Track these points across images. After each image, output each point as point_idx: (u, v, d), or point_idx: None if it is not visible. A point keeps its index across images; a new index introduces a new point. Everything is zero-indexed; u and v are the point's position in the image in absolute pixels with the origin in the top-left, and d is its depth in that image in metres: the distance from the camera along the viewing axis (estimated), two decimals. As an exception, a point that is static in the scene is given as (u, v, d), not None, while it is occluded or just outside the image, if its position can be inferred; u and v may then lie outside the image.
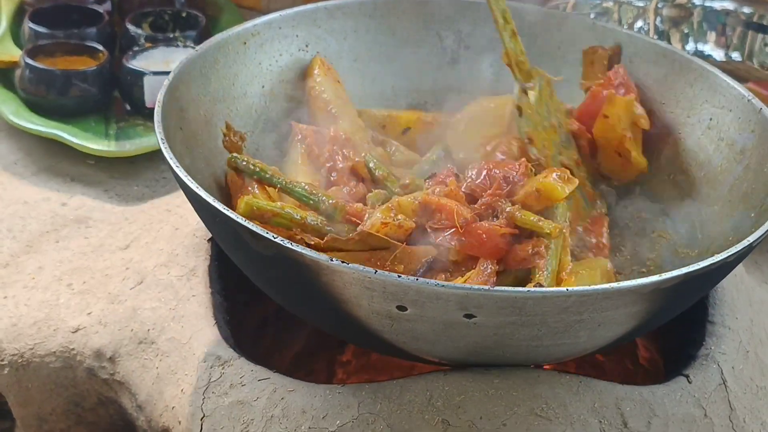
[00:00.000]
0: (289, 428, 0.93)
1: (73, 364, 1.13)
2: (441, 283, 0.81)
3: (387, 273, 0.82)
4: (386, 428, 0.91)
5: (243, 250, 0.91)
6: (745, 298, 1.13)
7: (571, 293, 0.82)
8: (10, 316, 1.16)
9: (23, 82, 1.49)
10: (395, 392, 0.93)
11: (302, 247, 0.84)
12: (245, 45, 1.18)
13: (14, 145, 1.49)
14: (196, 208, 0.97)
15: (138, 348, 1.09)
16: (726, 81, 1.14)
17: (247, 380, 0.98)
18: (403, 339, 0.89)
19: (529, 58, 1.20)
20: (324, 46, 1.25)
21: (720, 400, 0.99)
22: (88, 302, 1.17)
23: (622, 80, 1.17)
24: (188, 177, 0.92)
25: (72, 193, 1.38)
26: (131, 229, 1.30)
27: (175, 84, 1.07)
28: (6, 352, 1.13)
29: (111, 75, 1.52)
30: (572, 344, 0.90)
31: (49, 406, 1.14)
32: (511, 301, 0.82)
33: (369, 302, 0.85)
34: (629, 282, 0.84)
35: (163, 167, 1.45)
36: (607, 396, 0.94)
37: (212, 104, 1.13)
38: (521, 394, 0.92)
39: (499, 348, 0.89)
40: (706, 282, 0.96)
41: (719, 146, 1.13)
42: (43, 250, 1.27)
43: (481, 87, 1.29)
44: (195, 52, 1.12)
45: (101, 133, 1.47)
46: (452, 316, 0.83)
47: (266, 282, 0.98)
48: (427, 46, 1.30)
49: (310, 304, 0.93)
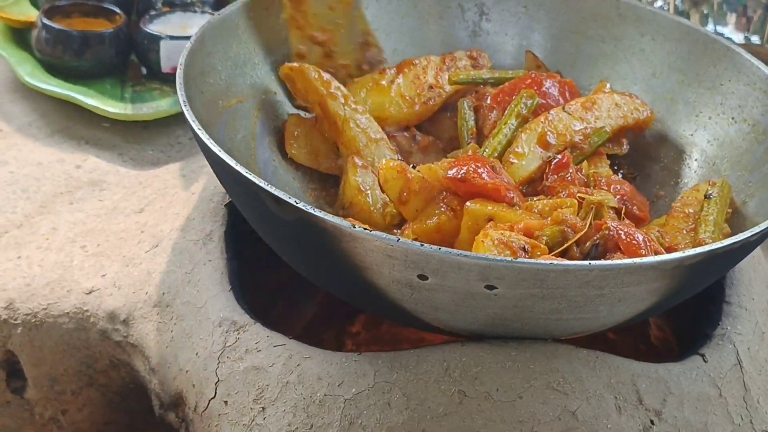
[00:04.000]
0: (305, 395, 0.93)
1: (86, 326, 1.12)
2: (464, 253, 0.81)
3: (409, 241, 0.81)
4: (402, 397, 0.90)
5: (264, 215, 0.91)
6: (763, 279, 1.13)
7: (594, 267, 0.82)
8: (24, 276, 1.16)
9: (39, 42, 1.48)
10: (412, 362, 0.92)
11: (324, 213, 0.84)
12: (267, 11, 1.18)
13: (29, 107, 1.48)
14: (216, 171, 0.97)
15: (152, 311, 1.09)
16: (750, 61, 1.14)
17: (263, 346, 0.97)
18: (423, 308, 0.89)
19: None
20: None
21: (735, 380, 0.99)
22: (103, 264, 1.17)
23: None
24: (210, 140, 0.92)
25: (86, 156, 1.38)
26: (146, 193, 1.29)
27: (196, 47, 1.06)
28: (19, 312, 1.13)
29: (128, 38, 1.51)
30: (591, 319, 0.89)
31: (61, 366, 1.14)
32: (533, 273, 0.81)
33: (390, 270, 0.84)
34: (652, 258, 0.84)
35: (178, 132, 1.44)
36: (624, 372, 0.94)
37: (233, 69, 1.13)
38: (538, 367, 0.92)
39: (518, 320, 0.89)
40: (728, 261, 0.95)
41: (742, 127, 1.12)
42: (57, 212, 1.26)
43: (501, 60, 1.28)
44: (217, 17, 1.12)
45: (117, 97, 1.46)
46: (473, 286, 0.83)
47: (286, 248, 0.98)
48: (448, 18, 1.30)
49: (330, 271, 0.93)
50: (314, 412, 0.92)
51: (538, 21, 1.28)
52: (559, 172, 1.07)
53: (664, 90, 1.21)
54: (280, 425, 0.92)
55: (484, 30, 1.29)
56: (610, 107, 1.15)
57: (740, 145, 1.12)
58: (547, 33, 1.28)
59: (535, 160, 1.09)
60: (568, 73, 1.26)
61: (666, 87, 1.20)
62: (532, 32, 1.29)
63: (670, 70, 1.21)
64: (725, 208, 1.05)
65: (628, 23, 1.24)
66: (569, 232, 0.95)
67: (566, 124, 1.12)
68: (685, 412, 0.94)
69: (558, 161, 1.08)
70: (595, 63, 1.25)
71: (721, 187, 1.06)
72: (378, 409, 0.90)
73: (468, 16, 1.30)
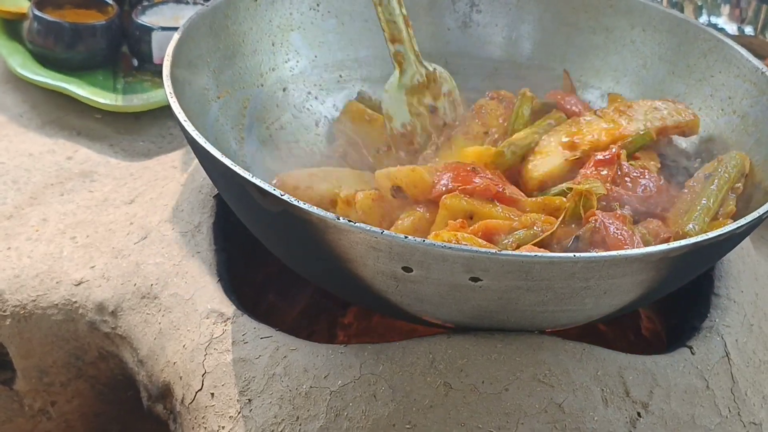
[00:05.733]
0: (291, 387, 0.93)
1: (74, 317, 1.12)
2: (447, 245, 0.81)
3: (393, 233, 0.81)
4: (388, 389, 0.90)
5: (250, 206, 0.91)
6: (751, 271, 1.13)
7: (579, 259, 0.81)
8: (13, 267, 1.16)
9: (31, 34, 1.48)
10: (397, 354, 0.92)
11: (309, 205, 0.83)
12: (256, 2, 1.17)
13: (20, 98, 1.48)
14: (203, 162, 0.97)
15: (140, 303, 1.09)
16: (740, 53, 1.13)
17: (250, 338, 0.97)
18: (408, 301, 0.89)
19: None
20: (336, 6, 1.24)
21: (723, 373, 0.99)
22: (92, 256, 1.17)
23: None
24: (196, 131, 0.92)
25: (77, 147, 1.38)
26: (136, 184, 1.29)
27: (184, 38, 1.06)
28: (8, 303, 1.13)
29: (120, 30, 1.51)
30: (577, 311, 0.89)
31: (50, 358, 1.14)
32: (517, 265, 0.81)
33: (374, 262, 0.84)
34: (637, 250, 0.84)
35: (169, 123, 1.44)
36: (610, 364, 0.94)
37: (221, 60, 1.12)
38: (524, 359, 0.92)
39: (503, 312, 0.88)
40: (714, 253, 0.95)
41: (731, 119, 1.12)
42: (47, 203, 1.26)
43: (492, 52, 1.28)
44: (206, 8, 1.11)
45: (108, 88, 1.46)
46: (458, 278, 0.83)
47: (272, 239, 0.98)
48: (438, 9, 1.29)
49: (315, 262, 0.93)
50: (300, 404, 0.92)
51: (529, 12, 1.28)
52: (603, 168, 1.05)
53: (654, 81, 1.20)
54: (266, 417, 0.92)
55: (474, 21, 1.29)
56: (647, 111, 1.13)
57: (729, 137, 1.12)
58: (538, 24, 1.28)
59: (556, 159, 1.08)
60: (559, 65, 1.26)
61: (656, 78, 1.20)
62: (523, 23, 1.28)
63: (661, 61, 1.20)
64: (726, 185, 1.03)
65: (619, 14, 1.24)
66: (541, 234, 0.94)
67: (596, 127, 1.11)
68: (672, 405, 0.94)
69: (603, 157, 1.05)
70: (586, 54, 1.25)
71: (725, 164, 1.05)
72: (364, 401, 0.90)
73: (458, 7, 1.29)
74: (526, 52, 1.28)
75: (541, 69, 1.27)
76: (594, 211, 0.95)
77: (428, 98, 1.18)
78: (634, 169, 1.05)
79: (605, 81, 1.24)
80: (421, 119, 1.17)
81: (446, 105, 1.19)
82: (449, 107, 1.19)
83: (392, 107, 1.17)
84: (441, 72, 1.18)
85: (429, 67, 1.17)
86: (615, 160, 1.04)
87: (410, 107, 1.17)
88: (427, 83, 1.17)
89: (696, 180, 1.06)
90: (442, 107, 1.18)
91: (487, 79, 1.28)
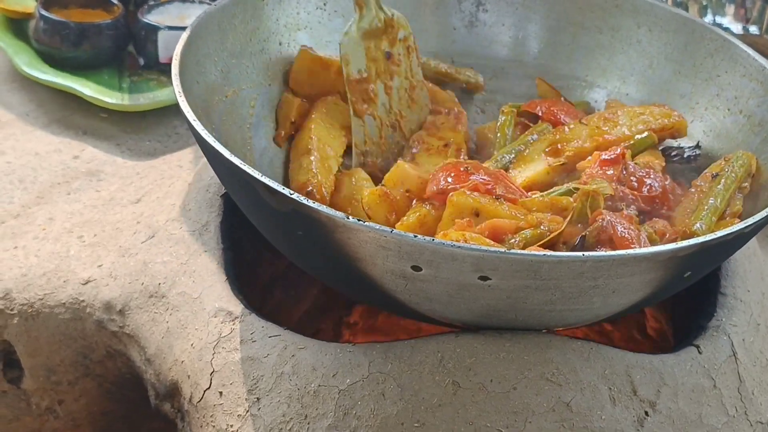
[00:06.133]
0: (299, 385, 0.93)
1: (82, 316, 1.13)
2: (457, 244, 0.81)
3: (403, 233, 0.81)
4: (396, 388, 0.91)
5: (258, 205, 0.91)
6: (758, 271, 1.13)
7: (587, 258, 0.81)
8: (20, 266, 1.16)
9: (37, 33, 1.48)
10: (406, 352, 0.92)
11: (318, 204, 0.84)
12: (263, 2, 1.18)
13: (26, 97, 1.48)
14: (211, 162, 0.97)
15: (148, 301, 1.09)
16: (746, 52, 1.13)
17: (258, 336, 0.98)
18: (417, 300, 0.89)
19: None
20: (342, 5, 1.24)
21: (729, 372, 0.99)
22: (99, 255, 1.17)
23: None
24: (205, 130, 0.92)
25: (84, 146, 1.38)
26: (143, 183, 1.29)
27: (193, 37, 1.06)
28: (16, 302, 1.13)
29: (125, 29, 1.51)
30: (585, 310, 0.89)
31: (58, 357, 1.14)
32: (526, 264, 0.81)
33: (384, 261, 0.84)
34: (646, 249, 0.84)
35: (175, 122, 1.44)
36: (618, 363, 0.94)
37: (229, 59, 1.13)
38: (532, 358, 0.92)
39: (512, 311, 0.89)
40: (722, 252, 0.95)
41: (738, 118, 1.12)
42: (53, 202, 1.26)
43: (498, 52, 1.28)
44: (214, 7, 1.12)
45: (114, 87, 1.46)
46: (467, 277, 0.83)
47: (280, 239, 0.98)
48: (444, 8, 1.29)
49: (324, 261, 0.93)
50: (309, 402, 0.92)
51: (535, 11, 1.28)
52: (609, 167, 1.06)
53: (660, 81, 1.21)
54: (275, 416, 0.93)
55: (480, 21, 1.29)
56: (632, 116, 1.14)
57: (736, 136, 1.12)
58: (544, 24, 1.28)
59: (539, 165, 1.09)
60: (565, 65, 1.26)
61: (662, 78, 1.20)
62: (529, 23, 1.28)
63: (667, 61, 1.21)
64: (733, 185, 1.04)
65: (625, 14, 1.24)
66: (548, 233, 0.95)
67: (580, 134, 1.12)
68: (680, 404, 0.94)
69: (609, 157, 1.06)
70: (592, 54, 1.25)
71: (732, 163, 1.05)
72: (372, 400, 0.91)
73: (464, 6, 1.29)
74: (532, 52, 1.29)
75: (547, 68, 1.27)
76: (601, 210, 0.96)
77: (385, 43, 1.18)
78: (639, 169, 1.06)
79: (611, 80, 1.25)
80: (376, 64, 1.18)
81: (401, 50, 1.20)
82: (404, 53, 1.20)
83: (350, 51, 1.17)
84: (399, 17, 1.19)
85: (388, 12, 1.18)
86: (620, 159, 1.05)
87: (367, 51, 1.17)
88: (384, 28, 1.18)
89: (703, 179, 1.06)
90: (397, 53, 1.19)
91: (494, 79, 1.28)
